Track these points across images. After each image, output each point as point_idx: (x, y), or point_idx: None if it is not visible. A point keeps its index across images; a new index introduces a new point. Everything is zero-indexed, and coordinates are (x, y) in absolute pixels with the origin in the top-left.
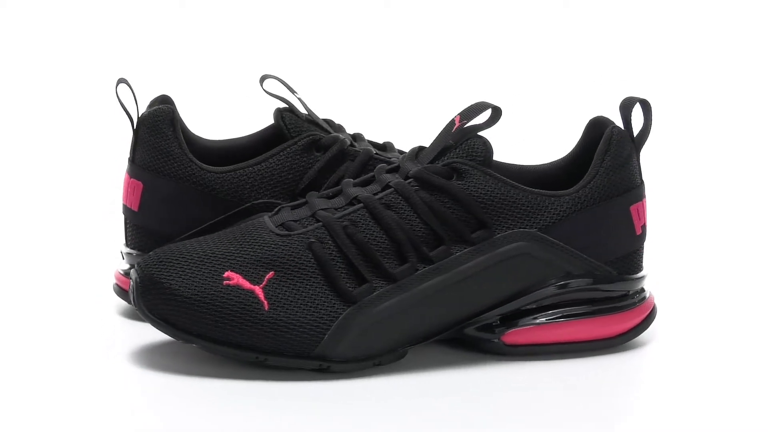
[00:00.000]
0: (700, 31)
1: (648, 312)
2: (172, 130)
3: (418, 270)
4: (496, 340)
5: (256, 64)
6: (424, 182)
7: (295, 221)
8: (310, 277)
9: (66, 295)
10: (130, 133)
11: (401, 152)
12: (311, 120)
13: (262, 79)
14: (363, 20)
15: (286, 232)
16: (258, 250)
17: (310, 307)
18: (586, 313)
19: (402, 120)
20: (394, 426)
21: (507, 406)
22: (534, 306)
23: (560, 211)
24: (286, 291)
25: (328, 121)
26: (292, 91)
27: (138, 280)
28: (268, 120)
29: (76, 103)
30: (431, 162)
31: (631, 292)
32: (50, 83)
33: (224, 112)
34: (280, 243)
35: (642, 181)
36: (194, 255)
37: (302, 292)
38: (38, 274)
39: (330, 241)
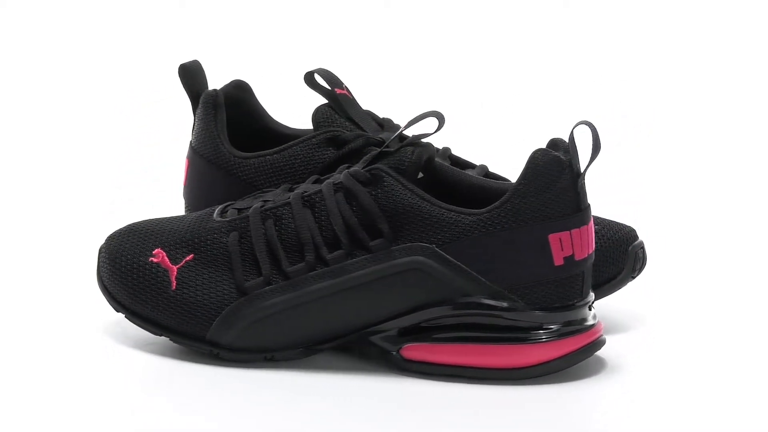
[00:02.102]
0: (698, 32)
1: (568, 350)
2: (213, 113)
3: (314, 270)
4: (394, 353)
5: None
6: (343, 185)
7: (237, 209)
8: (219, 264)
9: (64, 294)
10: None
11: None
12: (349, 117)
13: (311, 73)
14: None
15: (220, 219)
16: (188, 233)
17: (209, 292)
18: (485, 338)
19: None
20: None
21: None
22: (433, 324)
23: (463, 229)
24: (195, 274)
25: (376, 118)
26: (339, 86)
27: (100, 248)
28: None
29: (76, 103)
30: (367, 165)
31: (544, 325)
32: (50, 83)
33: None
34: (207, 228)
35: (581, 210)
36: (146, 230)
37: (207, 277)
38: (36, 274)
39: (247, 233)
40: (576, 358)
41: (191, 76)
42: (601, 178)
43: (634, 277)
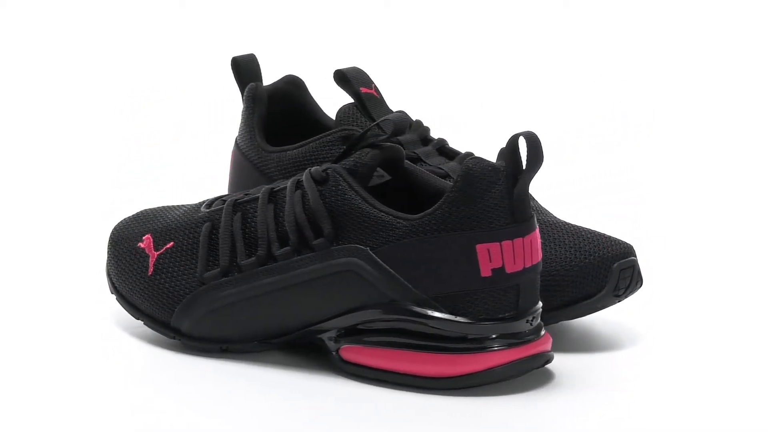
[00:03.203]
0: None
1: (493, 364)
2: (252, 106)
3: (265, 265)
4: (334, 353)
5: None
6: (302, 183)
7: (221, 200)
8: (193, 254)
9: (64, 294)
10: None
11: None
12: (371, 116)
13: (340, 71)
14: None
15: (203, 210)
16: (175, 221)
17: (178, 280)
18: (411, 345)
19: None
20: None
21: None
22: (368, 326)
23: (396, 234)
24: (170, 262)
25: (404, 114)
26: (366, 86)
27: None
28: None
29: (77, 103)
30: (332, 164)
31: (470, 336)
32: (50, 84)
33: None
34: (191, 218)
35: (516, 221)
36: (147, 216)
37: (180, 265)
38: (38, 273)
39: (218, 225)
40: (502, 373)
41: (242, 69)
42: (600, 179)
43: (619, 296)
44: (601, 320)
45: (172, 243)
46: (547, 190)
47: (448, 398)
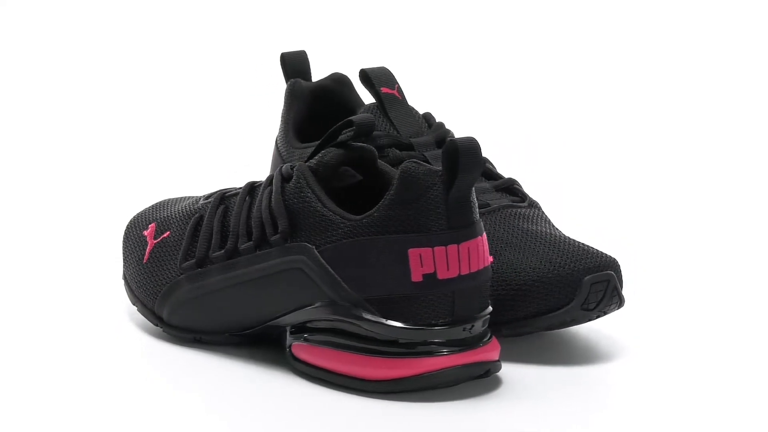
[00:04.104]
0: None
1: (422, 371)
2: (289, 102)
3: (232, 259)
4: (288, 349)
5: None
6: (273, 179)
7: (219, 193)
8: (180, 245)
9: (69, 292)
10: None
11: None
12: (389, 117)
13: (364, 71)
14: None
15: (202, 202)
16: (177, 211)
17: (164, 269)
18: (349, 346)
19: None
20: None
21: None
22: (313, 325)
23: (339, 234)
24: (163, 251)
25: (428, 120)
26: (388, 86)
27: None
28: None
29: (79, 103)
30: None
31: (401, 341)
32: (52, 84)
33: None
34: (189, 209)
35: (452, 228)
36: (158, 206)
37: (168, 255)
38: (42, 273)
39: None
40: (434, 380)
41: (287, 65)
42: (599, 180)
43: (589, 310)
44: (581, 334)
45: (168, 233)
46: (560, 197)
47: (381, 402)
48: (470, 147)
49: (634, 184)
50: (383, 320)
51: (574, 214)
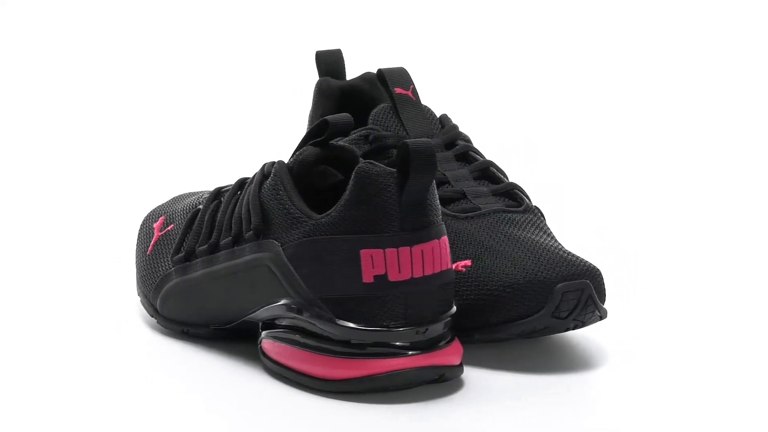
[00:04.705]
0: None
1: (373, 372)
2: (317, 101)
3: (214, 254)
4: (258, 345)
5: None
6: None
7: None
8: (177, 237)
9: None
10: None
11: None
12: (399, 117)
13: (381, 71)
14: None
15: (206, 197)
16: (183, 206)
17: (161, 261)
18: (306, 345)
19: None
20: None
21: None
22: (278, 321)
23: (301, 233)
24: (164, 243)
25: (443, 121)
26: (402, 86)
27: None
28: None
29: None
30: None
31: (353, 341)
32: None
33: None
34: (192, 203)
35: (405, 230)
36: (175, 199)
37: (167, 247)
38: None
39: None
40: (384, 382)
41: (321, 63)
42: (599, 180)
43: (562, 320)
44: (567, 341)
45: (172, 226)
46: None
47: (340, 403)
48: (422, 149)
49: (634, 184)
50: (336, 320)
51: (574, 215)
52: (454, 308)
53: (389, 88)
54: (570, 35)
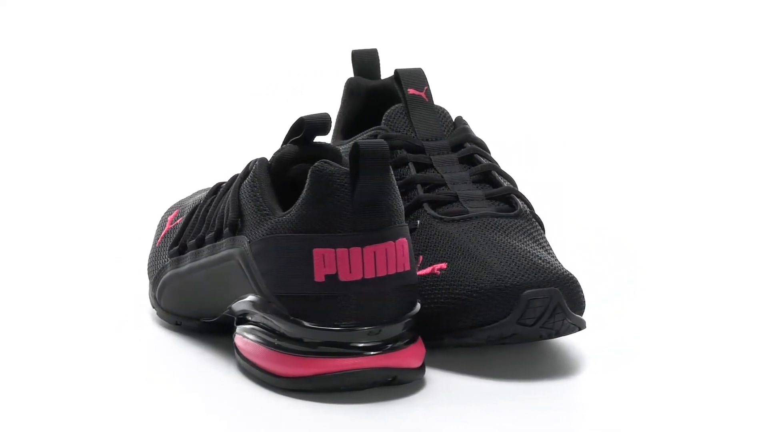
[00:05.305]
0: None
1: (323, 371)
2: (345, 99)
3: (201, 248)
4: (233, 339)
5: None
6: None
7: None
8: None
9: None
10: None
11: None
12: (410, 118)
13: (396, 71)
14: None
15: (207, 192)
16: (194, 201)
17: (164, 253)
18: (267, 341)
19: None
20: None
21: None
22: (247, 317)
23: (266, 230)
24: (170, 236)
25: (457, 121)
26: (416, 87)
27: None
28: None
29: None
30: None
31: (305, 340)
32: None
33: None
34: (201, 198)
35: (357, 230)
36: (194, 194)
37: (171, 240)
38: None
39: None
40: (334, 381)
41: (356, 62)
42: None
43: (528, 327)
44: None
45: (181, 219)
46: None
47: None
48: (372, 150)
49: (634, 184)
50: (289, 318)
51: (575, 215)
52: (417, 309)
53: (403, 88)
54: (572, 37)
